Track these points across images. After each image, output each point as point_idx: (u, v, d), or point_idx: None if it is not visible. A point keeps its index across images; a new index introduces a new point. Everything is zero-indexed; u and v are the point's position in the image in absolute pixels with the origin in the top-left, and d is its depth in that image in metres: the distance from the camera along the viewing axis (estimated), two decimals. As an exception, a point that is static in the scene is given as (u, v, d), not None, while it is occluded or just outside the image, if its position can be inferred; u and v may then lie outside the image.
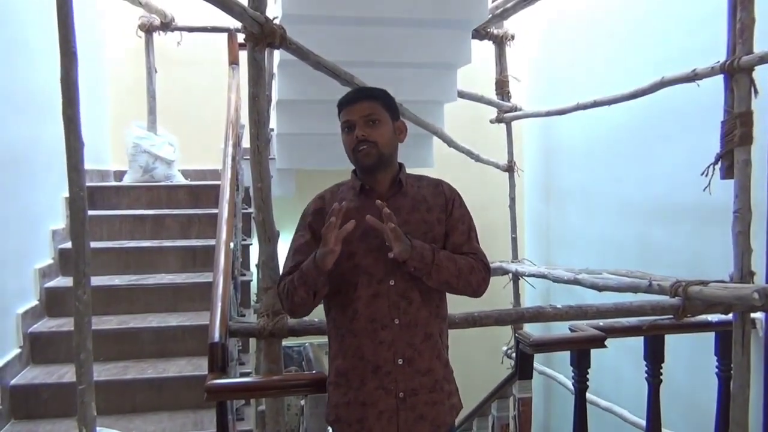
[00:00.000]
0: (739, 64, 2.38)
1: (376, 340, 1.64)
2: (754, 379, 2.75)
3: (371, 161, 1.67)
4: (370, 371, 1.64)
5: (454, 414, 1.77)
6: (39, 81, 3.20)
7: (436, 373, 1.70)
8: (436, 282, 1.67)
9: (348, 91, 1.83)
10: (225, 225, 2.76)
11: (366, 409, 1.64)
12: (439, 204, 1.74)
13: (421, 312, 1.67)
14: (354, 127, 1.67)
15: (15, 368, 2.80)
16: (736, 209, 2.44)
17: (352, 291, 1.66)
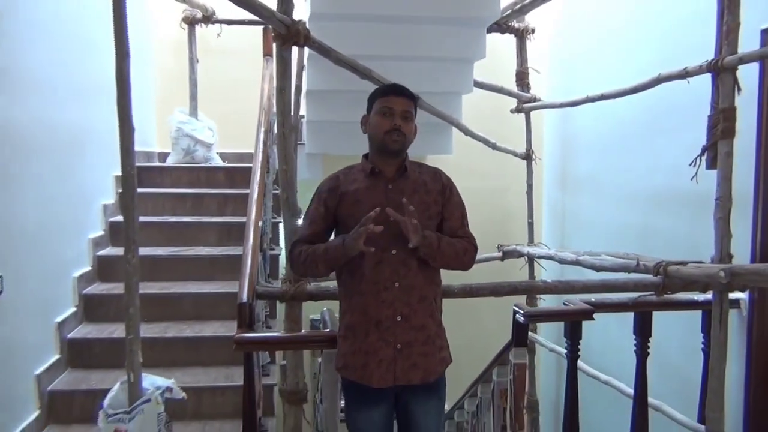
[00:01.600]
0: (724, 63, 2.58)
1: (379, 299, 1.95)
2: (737, 355, 2.99)
3: (398, 147, 1.98)
4: (373, 325, 1.95)
5: (443, 365, 2.07)
6: (92, 70, 3.56)
7: (428, 329, 1.99)
8: (439, 263, 1.99)
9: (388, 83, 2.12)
10: (255, 203, 3.08)
11: (368, 357, 1.95)
12: (437, 189, 2.04)
13: (418, 278, 1.97)
14: (392, 115, 1.96)
15: (71, 324, 3.18)
16: (718, 197, 2.64)
17: (360, 258, 1.96)
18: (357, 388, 2.00)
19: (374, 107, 2.03)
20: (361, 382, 1.96)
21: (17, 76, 2.66)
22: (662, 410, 3.12)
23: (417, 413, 2.02)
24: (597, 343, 4.14)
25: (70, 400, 2.88)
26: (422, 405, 2.02)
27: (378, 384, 1.94)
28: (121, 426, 2.36)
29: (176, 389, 2.52)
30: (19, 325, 2.65)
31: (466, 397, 3.67)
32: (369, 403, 2.00)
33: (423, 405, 2.02)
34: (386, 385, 1.94)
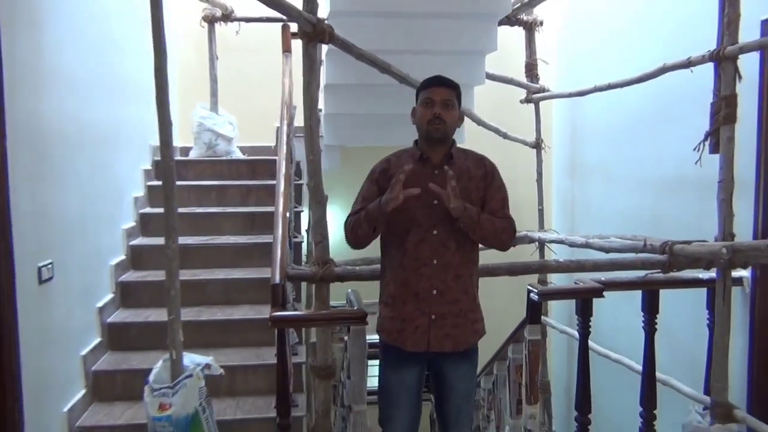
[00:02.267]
0: (725, 53, 2.72)
1: (418, 273, 2.13)
2: (740, 330, 3.14)
3: (439, 135, 2.15)
4: (412, 296, 2.14)
5: (476, 336, 2.26)
6: (119, 69, 3.73)
7: (461, 304, 2.17)
8: (478, 236, 2.15)
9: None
10: (282, 194, 3.26)
11: (405, 323, 2.15)
12: (479, 175, 2.21)
13: (455, 257, 2.15)
14: (433, 104, 2.14)
15: (110, 309, 3.38)
16: (720, 180, 2.79)
17: (405, 235, 2.15)
18: (393, 350, 2.20)
19: (419, 99, 2.20)
20: (396, 344, 2.16)
21: (56, 77, 2.83)
22: (670, 384, 3.26)
23: (450, 376, 2.21)
24: (607, 325, 4.31)
25: (112, 379, 3.07)
26: (455, 369, 2.21)
27: (412, 348, 2.14)
28: (165, 400, 2.55)
29: (214, 366, 2.70)
30: (66, 310, 2.83)
31: (482, 375, 3.84)
32: (402, 366, 2.20)
33: (455, 369, 2.21)
34: (419, 349, 2.14)
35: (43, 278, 2.55)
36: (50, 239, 2.66)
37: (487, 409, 3.75)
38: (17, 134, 2.31)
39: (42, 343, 2.55)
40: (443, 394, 2.25)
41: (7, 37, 2.24)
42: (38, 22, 2.64)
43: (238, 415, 2.93)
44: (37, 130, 2.58)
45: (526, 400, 3.04)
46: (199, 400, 2.57)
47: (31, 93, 2.52)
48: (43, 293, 2.56)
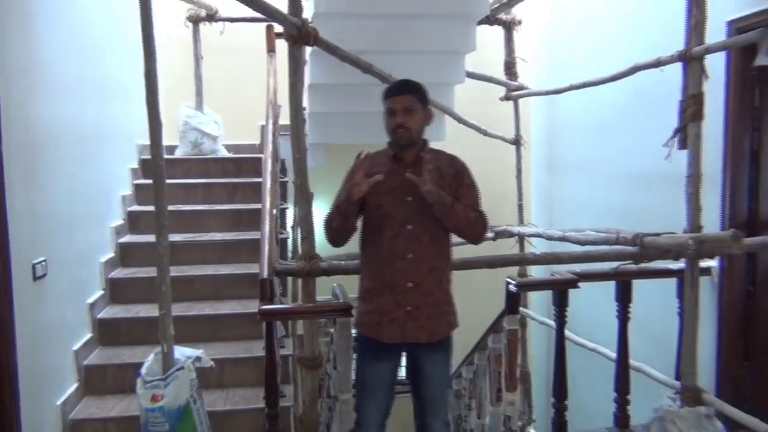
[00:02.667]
0: (692, 53, 2.86)
1: (394, 267, 2.23)
2: (709, 318, 3.29)
3: (405, 141, 2.25)
4: (388, 289, 2.24)
5: (449, 328, 2.36)
6: (106, 69, 3.79)
7: (436, 296, 2.28)
8: (451, 224, 2.24)
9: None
10: (269, 191, 3.35)
11: (382, 316, 2.24)
12: (451, 173, 2.31)
13: (428, 251, 2.25)
14: (395, 113, 2.23)
15: (100, 306, 3.45)
16: (689, 174, 2.92)
17: (379, 232, 2.25)
18: (370, 343, 2.30)
19: (384, 107, 2.30)
20: (374, 337, 2.26)
21: (46, 79, 2.89)
22: (643, 371, 3.40)
23: (425, 366, 2.31)
24: (585, 316, 4.44)
25: (103, 373, 3.14)
26: (430, 359, 2.31)
27: (388, 339, 2.24)
28: (158, 391, 2.63)
29: (205, 358, 2.79)
30: (59, 306, 2.90)
31: (463, 366, 3.97)
32: (378, 358, 2.30)
33: (430, 359, 2.31)
34: (395, 341, 2.24)
35: (37, 275, 2.62)
36: (43, 237, 2.73)
37: (469, 398, 3.87)
38: (10, 136, 2.37)
39: (36, 338, 2.62)
40: (420, 384, 2.35)
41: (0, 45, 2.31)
42: (29, 27, 2.70)
43: (228, 406, 3.02)
44: (29, 131, 2.65)
45: (506, 388, 3.16)
46: (190, 392, 2.66)
47: (23, 96, 2.59)
48: (38, 290, 2.63)
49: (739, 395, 3.18)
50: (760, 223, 3.13)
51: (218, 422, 2.88)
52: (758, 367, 3.19)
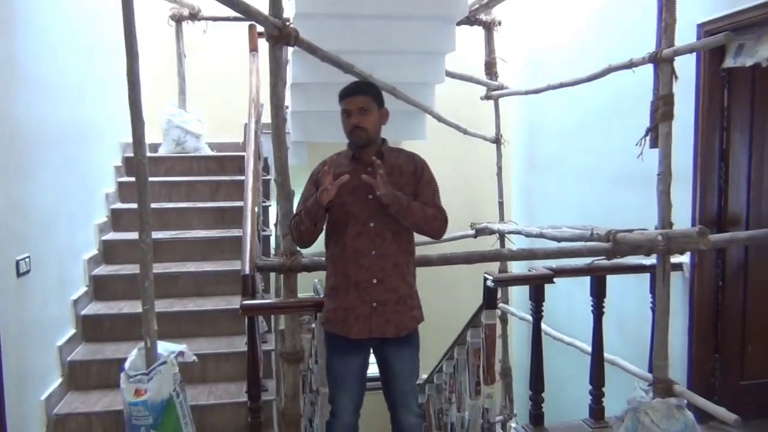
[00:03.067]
0: (662, 55, 2.95)
1: (359, 264, 2.28)
2: (681, 312, 3.38)
3: (362, 141, 2.31)
4: (353, 286, 2.29)
5: (414, 322, 2.41)
6: (90, 69, 3.82)
7: (400, 291, 2.33)
8: (409, 222, 2.30)
9: (349, 82, 2.44)
10: (251, 189, 3.40)
11: (348, 313, 2.30)
12: (410, 170, 2.37)
13: (392, 247, 2.31)
14: (351, 114, 2.29)
15: (84, 302, 3.48)
16: (659, 172, 3.01)
17: (344, 230, 2.30)
18: (338, 339, 2.34)
19: (340, 109, 2.35)
20: (342, 334, 2.31)
21: (29, 80, 2.91)
22: (618, 364, 3.49)
23: (393, 362, 2.37)
24: (564, 311, 4.54)
25: (87, 369, 3.18)
26: (397, 354, 2.37)
27: (356, 335, 2.29)
28: (141, 385, 2.67)
29: (188, 353, 2.83)
30: (43, 302, 2.94)
31: (444, 360, 4.04)
32: (347, 353, 2.35)
33: (398, 354, 2.37)
34: (363, 336, 2.29)
35: (21, 271, 2.65)
36: (27, 234, 2.76)
37: (449, 392, 3.94)
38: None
39: (20, 334, 2.65)
40: (389, 379, 2.41)
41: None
42: (10, 29, 2.73)
43: (211, 400, 3.07)
44: (11, 130, 2.68)
45: (484, 381, 3.25)
46: (173, 386, 2.70)
47: (4, 96, 2.62)
48: (21, 286, 2.67)
49: (709, 387, 3.29)
50: (729, 220, 3.23)
51: (202, 416, 2.93)
52: (727, 360, 3.29)
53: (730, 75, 3.17)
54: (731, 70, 3.13)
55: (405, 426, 2.40)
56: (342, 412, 2.37)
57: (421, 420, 2.47)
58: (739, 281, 3.30)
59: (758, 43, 2.96)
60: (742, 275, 3.30)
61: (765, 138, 3.22)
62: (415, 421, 2.41)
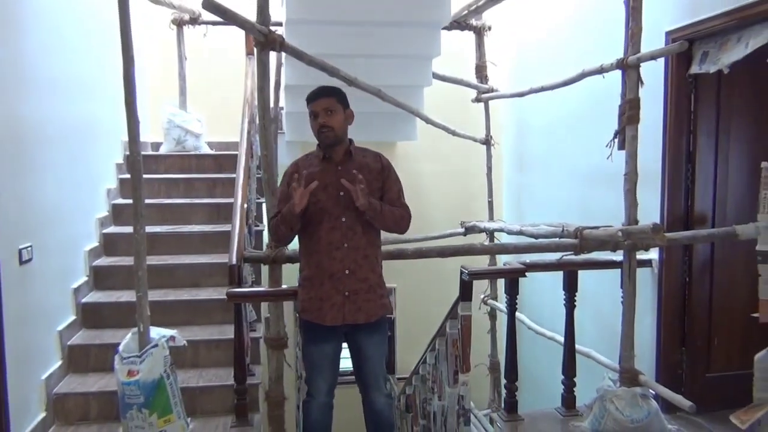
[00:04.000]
0: (628, 62, 3.11)
1: (331, 256, 2.47)
2: (650, 307, 3.54)
3: (330, 140, 2.49)
4: (327, 277, 2.48)
5: (384, 310, 2.60)
6: (93, 69, 4.02)
7: (370, 280, 2.52)
8: (380, 225, 2.51)
9: (314, 88, 2.62)
10: (241, 186, 3.60)
11: (323, 302, 2.48)
12: (377, 168, 2.56)
13: (362, 240, 2.50)
14: (317, 116, 2.48)
15: (84, 291, 3.68)
16: (626, 172, 3.18)
17: (317, 224, 2.49)
18: (313, 327, 2.53)
19: (308, 112, 2.54)
20: (317, 321, 2.50)
21: (35, 80, 3.11)
22: (591, 356, 3.66)
23: (364, 347, 2.56)
24: (547, 308, 4.71)
25: (86, 352, 3.38)
26: (368, 339, 2.56)
27: (330, 323, 2.47)
28: (133, 367, 2.86)
29: (178, 338, 3.02)
30: (44, 290, 3.14)
31: (427, 352, 4.21)
32: (322, 339, 2.54)
33: (368, 339, 2.56)
34: (337, 323, 2.48)
35: (23, 259, 2.85)
36: (30, 224, 2.96)
37: (432, 381, 4.11)
38: (0, 132, 2.61)
39: (22, 318, 2.84)
40: (360, 363, 2.60)
41: (-9, 47, 2.55)
42: (19, 30, 2.93)
43: (201, 383, 3.25)
44: (18, 127, 2.88)
45: (460, 369, 3.42)
46: (164, 367, 2.89)
47: (12, 95, 2.82)
48: (24, 273, 2.86)
49: (676, 378, 3.44)
50: (696, 219, 3.39)
51: (192, 397, 3.12)
52: (693, 353, 3.45)
53: (697, 81, 3.32)
54: (697, 76, 3.28)
55: (376, 406, 2.58)
56: (318, 393, 2.56)
57: (391, 400, 2.65)
58: (705, 277, 3.44)
59: (720, 51, 3.12)
60: (708, 272, 3.45)
61: (730, 141, 3.37)
62: (385, 401, 2.60)
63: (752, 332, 2.61)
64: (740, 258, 3.28)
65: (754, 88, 3.30)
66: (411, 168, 5.79)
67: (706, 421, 3.31)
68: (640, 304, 3.34)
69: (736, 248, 3.25)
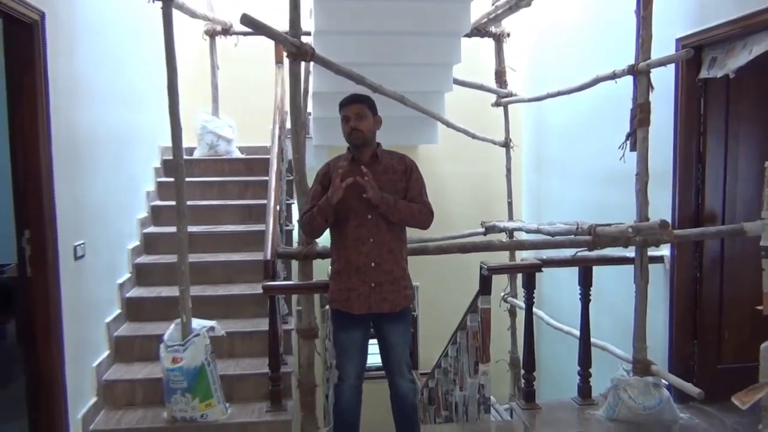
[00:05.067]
0: (639, 67, 3.29)
1: (358, 251, 2.68)
2: (663, 301, 3.69)
3: (359, 141, 2.70)
4: (354, 270, 2.68)
5: (407, 300, 2.78)
6: (132, 80, 4.28)
7: (395, 273, 2.72)
8: (396, 218, 2.68)
9: (349, 94, 2.83)
10: (273, 188, 3.83)
11: (350, 293, 2.69)
12: (401, 169, 2.76)
13: (387, 235, 2.70)
14: (349, 120, 2.70)
15: (128, 287, 3.94)
16: (637, 172, 3.35)
17: (345, 222, 2.70)
18: (342, 315, 2.74)
19: (341, 117, 2.75)
20: (345, 310, 2.71)
21: (86, 92, 3.36)
22: (607, 349, 3.82)
23: (388, 334, 2.75)
24: (566, 305, 4.85)
25: (131, 343, 3.63)
26: (392, 327, 2.75)
27: (358, 311, 2.68)
28: (177, 354, 3.11)
29: (217, 328, 3.27)
30: (94, 285, 3.39)
31: (449, 345, 4.41)
32: (351, 326, 2.74)
33: (392, 327, 2.75)
34: (363, 312, 2.68)
35: (77, 255, 3.11)
36: (82, 223, 3.21)
37: (453, 374, 4.31)
38: (58, 139, 2.86)
39: (76, 311, 3.09)
40: (386, 350, 2.79)
41: (51, 65, 2.80)
42: (72, 48, 3.19)
43: (237, 372, 3.48)
44: (73, 134, 3.13)
45: (480, 360, 3.61)
46: (204, 355, 3.14)
47: (67, 106, 3.07)
48: (78, 269, 3.12)
49: (688, 370, 3.58)
50: (706, 217, 3.53)
51: (230, 384, 3.35)
52: (704, 345, 3.59)
53: (706, 85, 3.46)
54: (707, 80, 3.42)
55: (400, 389, 2.79)
56: (348, 376, 2.77)
57: (413, 385, 2.85)
58: (715, 273, 3.58)
59: (727, 56, 3.28)
60: (719, 268, 3.58)
61: (739, 142, 3.51)
62: (408, 386, 2.80)
63: (762, 325, 2.69)
64: (749, 254, 3.40)
65: (761, 91, 3.44)
66: (432, 170, 5.98)
67: (717, 411, 3.45)
68: (652, 298, 3.51)
69: (746, 245, 3.39)
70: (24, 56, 2.69)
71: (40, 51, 2.73)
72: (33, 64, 2.70)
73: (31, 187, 2.72)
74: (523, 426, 3.41)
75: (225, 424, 3.17)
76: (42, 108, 2.73)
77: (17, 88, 2.69)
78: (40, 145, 2.72)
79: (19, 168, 2.71)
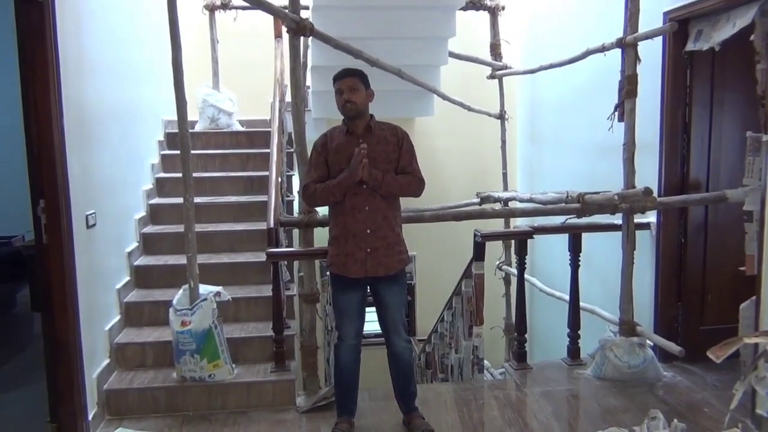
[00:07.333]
0: (627, 41, 3.40)
1: (355, 218, 2.83)
2: (648, 266, 3.85)
3: (353, 113, 2.83)
4: (351, 236, 2.84)
5: (402, 264, 2.93)
6: (137, 55, 4.39)
7: (389, 239, 2.86)
8: (385, 191, 2.82)
9: (342, 68, 2.95)
10: (275, 160, 3.96)
11: (347, 257, 2.84)
12: (394, 141, 2.90)
13: (381, 203, 2.84)
14: (342, 92, 2.82)
15: (135, 255, 4.09)
16: (624, 142, 3.49)
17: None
18: (340, 278, 2.90)
19: (334, 90, 2.87)
20: (343, 274, 2.86)
21: (93, 67, 3.45)
22: (596, 312, 3.99)
23: (384, 295, 2.91)
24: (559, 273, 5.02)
25: (140, 308, 3.79)
26: (388, 290, 2.91)
27: (354, 275, 2.84)
28: (186, 318, 3.27)
29: (224, 293, 3.42)
30: (105, 252, 3.54)
31: (444, 311, 4.59)
32: (348, 289, 2.90)
33: (389, 290, 2.91)
34: (360, 275, 2.83)
35: (89, 224, 3.25)
36: (93, 194, 3.34)
37: (449, 338, 4.50)
38: (69, 113, 2.98)
39: (89, 276, 3.24)
40: (382, 311, 2.95)
41: (61, 41, 2.91)
42: (79, 25, 3.29)
43: (243, 335, 3.64)
44: (82, 109, 3.24)
45: (474, 323, 3.79)
46: (212, 319, 3.29)
47: (77, 81, 3.17)
48: (89, 237, 3.26)
49: (673, 331, 3.75)
50: (691, 185, 3.68)
51: (236, 346, 3.52)
52: (688, 307, 3.76)
53: (692, 57, 3.59)
54: (693, 52, 3.55)
55: (396, 348, 2.96)
56: (347, 336, 2.94)
57: (409, 345, 3.02)
58: (699, 239, 3.74)
59: (713, 29, 3.39)
60: (703, 234, 3.75)
61: (723, 112, 3.65)
62: (404, 345, 2.97)
63: (743, 289, 2.85)
64: (733, 221, 3.54)
65: (745, 63, 3.54)
66: (429, 143, 6.12)
67: (699, 369, 3.64)
68: (639, 264, 3.67)
69: (729, 211, 3.55)
70: (36, 31, 2.79)
71: (50, 26, 2.83)
72: (44, 39, 2.79)
73: (45, 157, 2.83)
74: (514, 384, 3.59)
75: (232, 383, 3.34)
76: (54, 81, 2.84)
77: (30, 61, 2.79)
78: (52, 117, 2.83)
79: (33, 139, 2.83)
